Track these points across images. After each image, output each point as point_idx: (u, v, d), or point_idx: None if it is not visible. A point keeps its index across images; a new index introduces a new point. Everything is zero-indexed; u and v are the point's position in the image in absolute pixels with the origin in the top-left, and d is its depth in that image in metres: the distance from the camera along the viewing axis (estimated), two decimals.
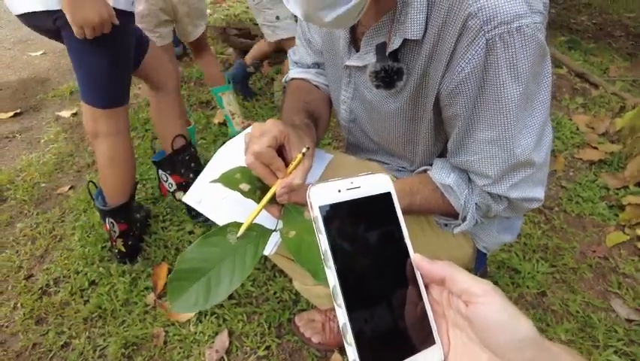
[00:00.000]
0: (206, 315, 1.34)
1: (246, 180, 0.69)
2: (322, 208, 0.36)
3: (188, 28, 2.03)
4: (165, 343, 1.29)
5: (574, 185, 1.87)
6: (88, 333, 1.33)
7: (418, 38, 0.69)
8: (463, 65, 0.65)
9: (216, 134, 2.27)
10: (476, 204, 0.77)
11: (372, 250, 0.38)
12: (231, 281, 0.56)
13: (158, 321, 1.34)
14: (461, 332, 0.37)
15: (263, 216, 0.65)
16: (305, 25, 0.97)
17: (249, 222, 0.61)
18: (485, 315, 0.34)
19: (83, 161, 2.18)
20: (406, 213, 0.40)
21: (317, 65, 1.01)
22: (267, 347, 1.26)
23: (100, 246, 1.60)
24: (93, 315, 1.37)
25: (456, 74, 0.66)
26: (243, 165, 0.69)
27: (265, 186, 0.67)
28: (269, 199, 0.63)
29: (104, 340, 1.30)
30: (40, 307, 1.41)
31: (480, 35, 0.62)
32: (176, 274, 0.56)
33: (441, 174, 0.78)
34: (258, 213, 0.62)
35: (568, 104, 2.46)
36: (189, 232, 1.65)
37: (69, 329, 1.34)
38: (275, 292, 1.41)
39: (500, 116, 0.66)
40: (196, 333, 1.30)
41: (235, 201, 0.70)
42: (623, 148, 2.00)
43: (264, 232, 0.62)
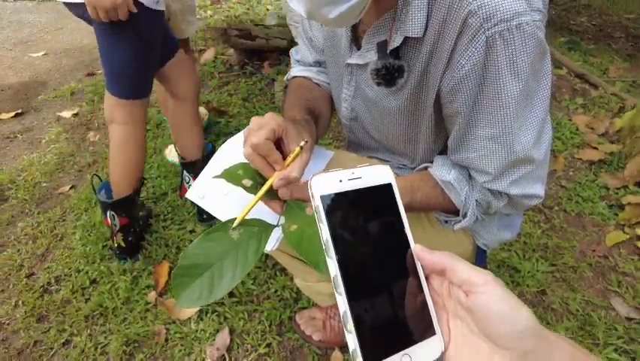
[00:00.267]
0: (207, 313, 1.34)
1: (248, 176, 0.69)
2: (324, 198, 0.36)
3: (181, 25, 2.04)
4: (166, 340, 1.29)
5: (574, 185, 1.88)
6: (89, 331, 1.33)
7: (418, 36, 0.69)
8: (463, 63, 0.65)
9: (217, 134, 2.28)
10: (476, 200, 0.78)
11: (372, 240, 0.38)
12: (234, 276, 0.57)
13: (160, 319, 1.34)
14: (462, 323, 0.37)
15: (265, 212, 0.65)
16: (307, 23, 0.97)
17: (246, 213, 0.61)
18: (486, 305, 0.34)
19: (84, 160, 2.18)
20: (407, 210, 0.40)
21: (318, 64, 1.02)
22: (268, 345, 1.26)
23: (101, 245, 1.61)
24: (94, 313, 1.38)
25: (456, 71, 0.67)
26: (245, 161, 0.69)
27: (266, 182, 0.68)
28: (266, 191, 0.63)
29: (105, 337, 1.30)
30: (41, 305, 1.41)
31: (480, 33, 0.62)
32: (179, 270, 0.57)
33: (441, 171, 0.78)
34: (255, 204, 0.63)
35: (568, 104, 2.47)
36: (190, 231, 1.65)
37: (70, 326, 1.35)
38: (276, 291, 1.41)
39: (500, 113, 0.67)
40: (197, 331, 1.30)
41: (238, 197, 0.70)
42: (622, 148, 2.00)
43: (266, 227, 0.62)
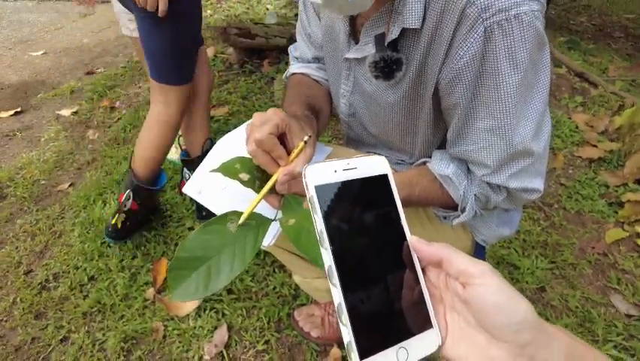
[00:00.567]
0: (205, 310, 1.34)
1: (245, 170, 0.69)
2: (318, 188, 0.36)
3: None
4: (164, 337, 1.29)
5: (573, 182, 1.87)
6: (87, 327, 1.33)
7: (416, 27, 0.69)
8: (461, 54, 0.65)
9: (216, 132, 2.27)
10: (475, 195, 0.77)
11: (368, 231, 0.37)
12: (231, 270, 0.56)
13: (158, 316, 1.34)
14: (459, 316, 0.37)
15: (262, 207, 0.64)
16: (305, 19, 0.97)
17: (251, 210, 0.61)
18: (483, 296, 0.34)
19: (83, 159, 2.18)
20: (405, 205, 0.40)
21: (317, 60, 1.01)
22: (267, 342, 1.26)
23: (99, 242, 1.60)
24: (92, 310, 1.37)
25: (454, 62, 0.66)
26: (242, 156, 0.69)
27: (264, 176, 0.67)
28: (271, 187, 0.63)
29: (104, 334, 1.30)
30: (39, 302, 1.41)
31: (478, 23, 0.62)
32: (176, 262, 0.56)
33: (440, 165, 0.78)
34: (260, 201, 0.62)
35: (567, 102, 2.47)
36: (189, 228, 1.65)
37: (68, 323, 1.34)
38: (274, 287, 1.40)
39: (499, 104, 0.67)
40: (195, 328, 1.30)
41: (235, 192, 0.70)
42: (622, 146, 2.00)
43: (264, 221, 0.62)
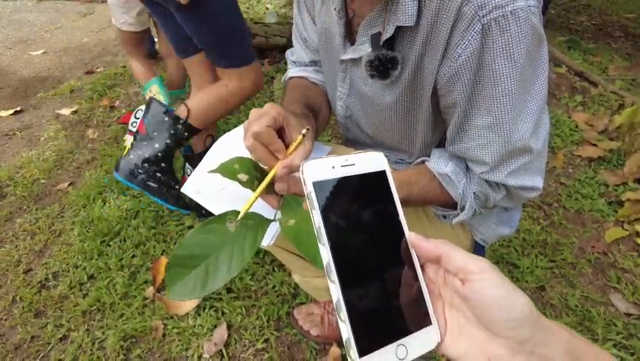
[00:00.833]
0: (204, 308, 1.34)
1: (244, 170, 0.68)
2: (316, 184, 0.35)
3: None
4: (164, 336, 1.29)
5: (573, 182, 1.87)
6: (87, 326, 1.33)
7: (410, 25, 0.68)
8: (459, 52, 0.65)
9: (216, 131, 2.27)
10: (474, 193, 0.77)
11: (366, 227, 0.37)
12: (229, 269, 0.56)
13: (157, 314, 1.34)
14: (458, 312, 0.37)
15: (262, 207, 0.64)
16: (300, 23, 0.97)
17: (250, 204, 0.61)
18: (482, 292, 0.34)
19: (82, 158, 2.18)
20: (404, 204, 0.40)
21: (314, 63, 1.01)
22: (266, 340, 1.26)
23: (99, 241, 1.60)
24: (92, 308, 1.37)
25: (453, 61, 0.66)
26: (241, 156, 0.69)
27: (263, 176, 0.67)
28: (270, 180, 0.63)
29: (103, 333, 1.30)
30: (39, 301, 1.41)
31: (475, 21, 0.62)
32: (174, 260, 0.55)
33: (439, 164, 0.78)
34: (259, 195, 0.62)
35: (567, 102, 2.47)
36: (189, 227, 1.65)
37: (68, 322, 1.34)
38: (274, 286, 1.40)
39: (497, 101, 0.66)
40: (195, 326, 1.30)
41: (233, 192, 0.69)
42: (621, 145, 2.00)
43: (263, 221, 0.61)
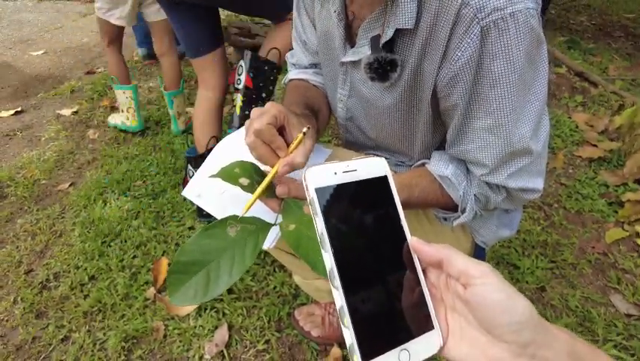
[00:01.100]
0: (205, 309, 1.34)
1: (245, 175, 0.68)
2: (318, 191, 0.36)
3: (149, 9, 2.08)
4: (165, 337, 1.29)
5: (573, 182, 1.87)
6: (88, 327, 1.33)
7: (409, 27, 0.68)
8: (459, 55, 0.65)
9: None
10: (475, 195, 0.77)
11: (368, 233, 0.37)
12: (230, 275, 0.56)
13: (158, 315, 1.34)
14: (460, 316, 0.37)
15: (262, 211, 0.64)
16: (300, 26, 0.97)
17: (252, 203, 0.61)
18: (483, 296, 0.34)
19: (83, 158, 2.18)
20: (405, 207, 0.40)
21: (314, 66, 1.02)
22: (267, 341, 1.26)
23: (100, 241, 1.61)
24: (93, 309, 1.37)
25: (452, 63, 0.66)
26: (242, 160, 0.69)
27: (264, 179, 0.67)
28: (272, 178, 0.63)
29: (104, 334, 1.30)
30: (40, 302, 1.41)
31: (474, 23, 0.62)
32: (175, 266, 0.56)
33: (439, 166, 0.78)
34: (261, 194, 0.62)
35: (567, 102, 2.47)
36: (189, 228, 1.65)
37: (69, 322, 1.34)
38: (274, 287, 1.41)
39: (497, 103, 0.67)
40: (196, 327, 1.30)
41: (234, 196, 0.70)
42: (622, 145, 2.00)
43: (264, 226, 0.61)
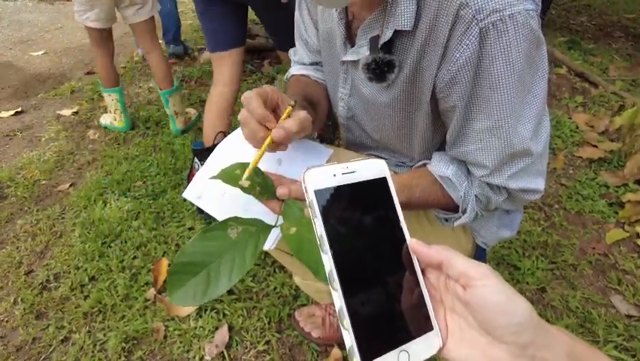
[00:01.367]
0: (206, 310, 1.34)
1: (246, 177, 0.69)
2: (317, 193, 0.36)
3: (127, 11, 2.07)
4: (165, 338, 1.29)
5: (573, 183, 1.87)
6: (88, 328, 1.33)
7: (408, 29, 0.68)
8: (457, 56, 0.65)
9: None
10: (476, 196, 0.77)
11: (368, 234, 0.37)
12: (230, 276, 0.56)
13: (158, 316, 1.34)
14: (459, 317, 0.37)
15: (263, 213, 0.65)
16: (302, 26, 0.97)
17: (254, 166, 0.64)
18: (483, 297, 0.34)
19: (83, 159, 2.18)
20: (405, 208, 0.40)
21: (315, 64, 1.02)
22: (267, 342, 1.26)
23: (100, 242, 1.61)
24: (93, 310, 1.37)
25: (451, 65, 0.66)
26: (242, 162, 0.69)
27: (265, 182, 0.67)
28: (268, 144, 0.65)
29: (104, 334, 1.30)
30: (40, 302, 1.41)
31: (473, 25, 0.62)
32: (175, 267, 0.56)
33: (439, 167, 0.78)
34: (261, 156, 0.65)
35: (567, 102, 2.47)
36: (189, 228, 1.65)
37: (69, 323, 1.34)
38: (275, 288, 1.41)
39: (496, 104, 0.67)
40: (196, 328, 1.30)
41: (235, 197, 0.70)
42: (622, 146, 2.00)
43: (265, 228, 0.61)
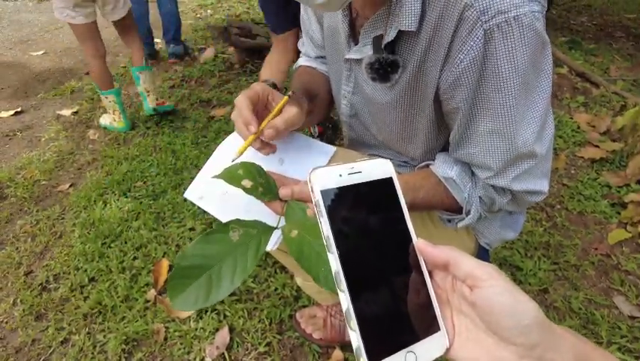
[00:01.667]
0: (206, 311, 1.33)
1: (248, 177, 0.68)
2: (324, 193, 0.36)
3: (106, 8, 2.16)
4: (165, 339, 1.28)
5: (575, 183, 1.87)
6: (88, 329, 1.32)
7: (412, 30, 0.68)
8: (461, 57, 0.64)
9: (217, 132, 2.27)
10: (480, 197, 0.77)
11: (374, 235, 0.37)
12: (232, 280, 0.55)
13: (159, 317, 1.33)
14: (466, 318, 0.37)
15: (265, 212, 0.64)
16: (307, 21, 0.97)
17: (245, 147, 0.68)
18: (490, 298, 0.34)
19: (83, 159, 2.17)
20: (409, 209, 0.40)
21: (321, 57, 1.03)
22: (268, 343, 1.25)
23: (100, 242, 1.60)
24: (93, 311, 1.37)
25: (455, 66, 0.66)
26: (245, 161, 0.69)
27: (267, 183, 0.67)
28: (251, 141, 0.69)
29: (104, 336, 1.29)
30: (39, 304, 1.40)
31: (478, 26, 0.61)
32: (176, 272, 0.55)
33: (444, 168, 0.77)
34: (257, 137, 0.70)
35: (569, 102, 2.46)
36: (190, 229, 1.64)
37: (69, 325, 1.34)
38: (276, 289, 1.40)
39: (500, 107, 0.66)
40: (197, 329, 1.29)
41: (236, 196, 0.69)
42: (624, 146, 1.99)
43: (266, 230, 0.61)
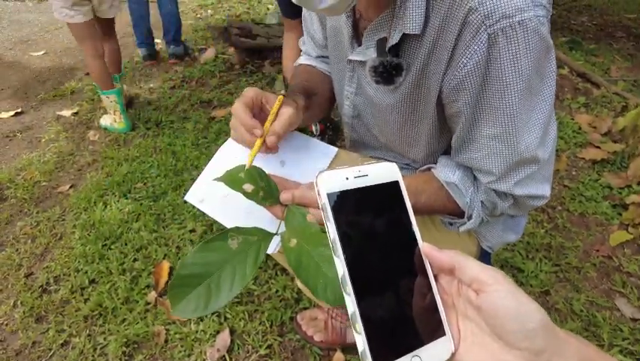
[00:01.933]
0: (207, 314, 1.33)
1: (250, 181, 0.68)
2: (330, 196, 0.36)
3: (102, 6, 2.20)
4: (166, 341, 1.28)
5: (577, 184, 1.86)
6: (88, 331, 1.32)
7: (416, 33, 0.68)
8: (465, 61, 0.64)
9: (217, 133, 2.27)
10: (482, 202, 0.76)
11: (380, 238, 0.37)
12: (231, 288, 0.56)
13: (159, 319, 1.33)
14: (471, 323, 0.37)
15: (266, 216, 0.64)
16: (308, 20, 0.97)
17: (255, 152, 0.67)
18: (495, 303, 0.34)
19: (83, 160, 2.17)
20: None
21: (321, 57, 1.03)
22: (269, 346, 1.25)
23: (100, 244, 1.59)
24: (93, 313, 1.36)
25: (458, 70, 0.65)
26: (245, 164, 0.68)
27: (268, 187, 0.67)
28: (258, 149, 0.69)
29: (105, 338, 1.29)
30: (40, 306, 1.40)
31: (482, 30, 0.60)
32: (176, 280, 0.56)
33: (446, 172, 0.77)
34: (258, 150, 0.68)
35: (570, 103, 2.46)
36: (190, 230, 1.64)
37: (69, 327, 1.33)
38: (277, 291, 1.40)
39: (503, 111, 0.66)
40: (197, 332, 1.29)
41: (237, 199, 0.69)
42: (625, 147, 1.99)
43: (266, 236, 0.61)
